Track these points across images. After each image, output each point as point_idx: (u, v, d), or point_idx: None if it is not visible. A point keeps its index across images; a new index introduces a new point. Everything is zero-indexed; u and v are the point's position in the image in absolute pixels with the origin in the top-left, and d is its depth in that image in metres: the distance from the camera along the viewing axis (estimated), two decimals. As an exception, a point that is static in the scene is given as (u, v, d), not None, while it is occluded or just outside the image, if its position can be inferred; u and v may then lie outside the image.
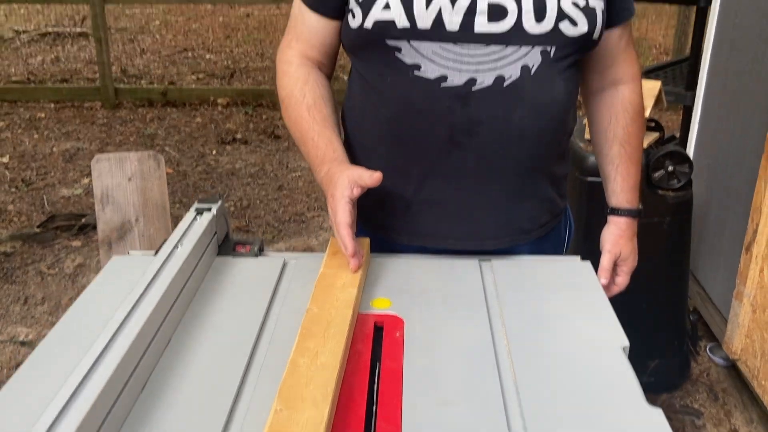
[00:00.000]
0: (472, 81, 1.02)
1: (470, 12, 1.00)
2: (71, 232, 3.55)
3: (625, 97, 1.24)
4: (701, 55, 2.64)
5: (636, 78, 1.25)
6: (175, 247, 1.03)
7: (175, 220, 1.92)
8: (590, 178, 2.10)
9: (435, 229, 1.16)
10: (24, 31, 8.00)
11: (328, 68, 1.19)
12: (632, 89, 1.24)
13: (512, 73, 1.02)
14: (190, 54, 7.54)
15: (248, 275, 1.10)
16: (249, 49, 7.77)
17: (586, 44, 1.07)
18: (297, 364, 0.82)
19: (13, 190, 4.05)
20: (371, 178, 0.99)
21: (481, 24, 1.00)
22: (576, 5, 1.02)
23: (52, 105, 5.54)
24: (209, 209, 1.15)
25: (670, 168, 2.24)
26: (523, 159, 1.10)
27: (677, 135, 3.12)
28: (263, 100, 5.63)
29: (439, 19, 1.00)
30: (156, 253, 1.14)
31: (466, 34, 1.00)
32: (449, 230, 1.15)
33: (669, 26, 7.30)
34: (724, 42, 2.29)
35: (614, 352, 0.89)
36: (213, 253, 1.14)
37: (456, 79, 1.03)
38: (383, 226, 1.20)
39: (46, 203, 3.88)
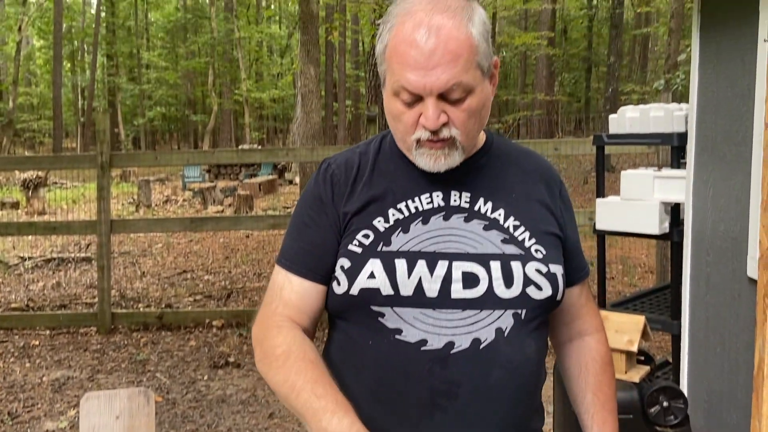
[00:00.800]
0: (450, 344, 1.08)
1: (447, 280, 1.09)
2: (51, 470, 3.39)
3: (592, 348, 1.31)
4: (681, 286, 2.75)
5: (600, 329, 1.34)
6: None
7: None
8: None
9: None
10: (29, 258, 8.27)
11: (311, 335, 1.22)
12: (597, 339, 1.33)
13: (487, 335, 1.09)
14: (189, 275, 7.73)
15: None
16: (247, 269, 7.99)
17: (551, 305, 1.18)
18: None
19: (-3, 424, 3.93)
20: None
21: (457, 291, 1.09)
22: (539, 272, 1.14)
23: (48, 332, 5.57)
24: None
25: (665, 404, 2.22)
26: (503, 418, 1.12)
27: (670, 360, 3.14)
28: (258, 323, 5.68)
29: (419, 287, 1.09)
30: None
31: (443, 300, 1.09)
32: None
33: (651, 246, 7.61)
34: (700, 277, 2.39)
35: None
36: None
37: (435, 343, 1.08)
38: None
39: (28, 438, 3.74)
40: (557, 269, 1.17)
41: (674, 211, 2.83)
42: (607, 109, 18.65)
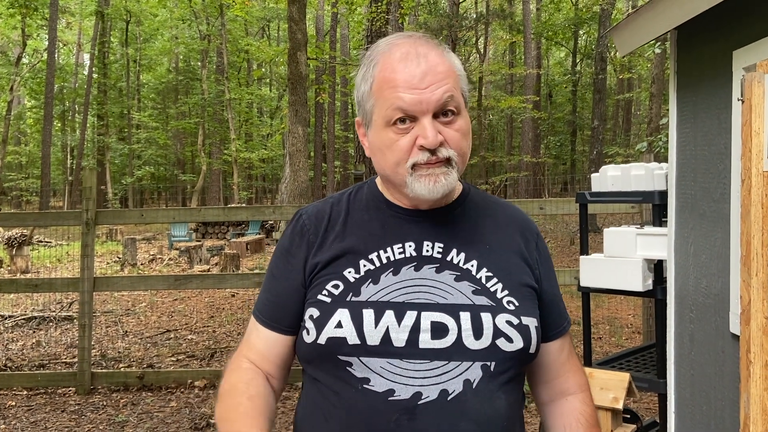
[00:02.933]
0: (418, 394, 1.07)
1: (415, 329, 1.09)
2: None
3: (576, 408, 1.26)
4: (666, 344, 2.73)
5: (584, 388, 1.29)
6: None
7: None
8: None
9: None
10: (9, 316, 8.13)
11: (279, 381, 1.24)
12: (582, 399, 1.27)
13: (455, 387, 1.08)
14: (172, 335, 7.61)
15: None
16: (231, 329, 7.88)
17: (523, 358, 1.15)
18: None
19: (-34, 488, 3.78)
20: None
21: (425, 341, 1.09)
22: (510, 323, 1.12)
23: (25, 392, 5.42)
24: None
25: (652, 464, 2.18)
26: None
27: (657, 420, 3.10)
28: (241, 383, 5.58)
29: (386, 337, 1.09)
30: None
31: (411, 350, 1.09)
32: None
33: (638, 305, 7.61)
34: (684, 334, 2.39)
35: None
36: None
37: (403, 393, 1.07)
38: None
39: (-2, 504, 3.60)
40: (530, 321, 1.15)
41: (657, 268, 2.84)
42: (592, 171, 18.94)
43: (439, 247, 1.17)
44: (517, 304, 1.15)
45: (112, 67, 34.10)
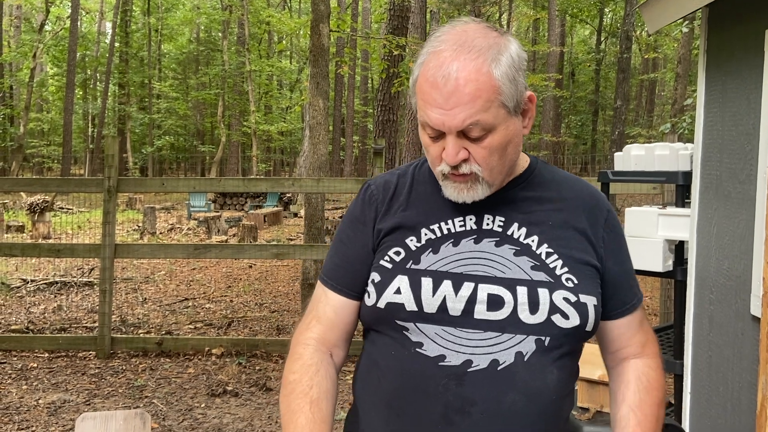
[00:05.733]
0: (468, 362, 1.10)
1: (471, 300, 1.12)
2: (42, 494, 3.33)
3: (639, 368, 1.25)
4: (684, 325, 2.73)
5: (652, 355, 1.27)
6: None
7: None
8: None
9: None
10: (31, 280, 8.27)
11: (342, 351, 1.28)
12: (647, 363, 1.26)
13: (506, 358, 1.10)
14: (190, 303, 7.71)
15: None
16: (249, 299, 7.97)
17: (579, 335, 1.15)
18: None
19: (-10, 445, 3.89)
20: None
21: (480, 312, 1.12)
22: (567, 300, 1.13)
23: (46, 354, 5.54)
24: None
25: (666, 442, 2.19)
26: None
27: (672, 401, 3.10)
28: (257, 351, 5.65)
29: (443, 306, 1.13)
30: None
31: (466, 319, 1.12)
32: None
33: (654, 288, 7.57)
34: (703, 315, 2.38)
35: None
36: None
37: (454, 360, 1.11)
38: None
39: (21, 461, 3.70)
40: (589, 300, 1.16)
41: (678, 249, 2.82)
42: (613, 151, 18.75)
43: (500, 221, 1.19)
44: (576, 281, 1.16)
45: (134, 36, 34.14)
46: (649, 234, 2.79)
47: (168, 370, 5.32)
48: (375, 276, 1.20)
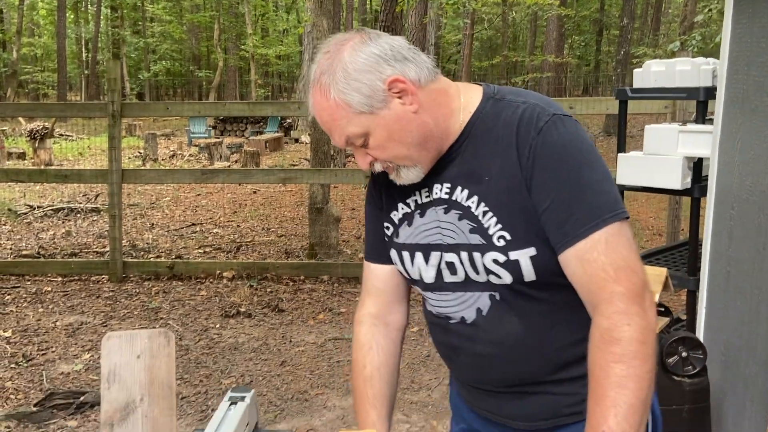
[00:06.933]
0: (447, 317, 1.27)
1: (438, 268, 1.24)
2: (68, 411, 3.44)
3: (595, 323, 1.10)
4: (699, 242, 2.74)
5: (604, 299, 1.08)
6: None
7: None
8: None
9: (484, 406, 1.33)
10: (38, 207, 8.28)
11: (400, 313, 1.39)
12: (601, 311, 1.09)
13: (470, 314, 1.23)
14: (198, 228, 7.76)
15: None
16: (255, 224, 8.02)
17: (528, 285, 1.17)
18: None
19: (13, 365, 3.99)
20: None
21: (447, 276, 1.24)
22: (496, 261, 1.16)
23: (60, 279, 5.61)
24: (243, 399, 1.15)
25: (684, 354, 2.24)
26: (500, 377, 1.25)
27: (683, 317, 3.15)
28: (268, 273, 5.72)
29: (420, 275, 1.27)
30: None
31: (438, 284, 1.26)
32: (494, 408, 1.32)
33: (660, 209, 7.59)
34: (723, 232, 2.39)
35: None
36: (243, 447, 1.12)
37: (439, 314, 1.29)
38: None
39: (45, 380, 3.80)
40: (522, 254, 1.14)
41: (696, 167, 2.81)
42: (618, 72, 18.43)
43: (447, 187, 1.22)
44: (509, 237, 1.14)
45: (124, -45, 32.97)
46: (668, 151, 2.76)
47: (181, 293, 5.40)
48: None
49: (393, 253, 1.30)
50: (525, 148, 1.13)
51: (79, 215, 8.13)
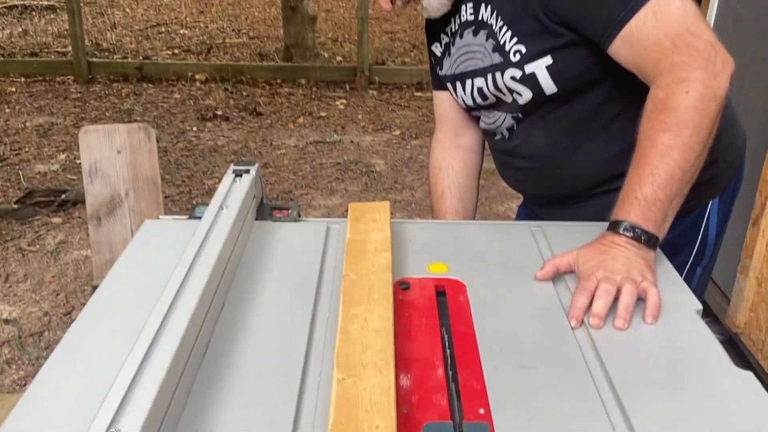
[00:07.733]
0: (493, 134, 1.30)
1: (473, 95, 1.24)
2: (51, 208, 3.42)
3: (649, 96, 0.99)
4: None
5: (662, 72, 0.97)
6: (220, 209, 0.98)
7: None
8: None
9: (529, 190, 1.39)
10: (-11, 3, 7.71)
11: (472, 130, 1.40)
12: (657, 83, 0.97)
13: (504, 132, 1.26)
14: (163, 29, 7.35)
15: (292, 240, 1.05)
16: (224, 25, 7.61)
17: (546, 99, 1.13)
18: (347, 332, 0.79)
19: (-13, 165, 3.90)
20: None
21: (480, 101, 1.25)
22: (514, 78, 1.13)
23: (23, 79, 5.35)
24: (248, 171, 1.10)
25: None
26: (545, 191, 1.30)
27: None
28: (243, 77, 5.52)
29: (464, 102, 1.29)
30: (189, 217, 1.09)
31: (480, 107, 1.27)
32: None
33: None
34: (728, 17, 2.30)
35: (690, 316, 0.87)
36: (253, 217, 1.09)
37: (488, 130, 1.31)
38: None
39: (22, 179, 3.74)
40: (536, 66, 1.09)
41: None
42: None
43: (471, 8, 1.18)
44: (523, 50, 1.10)
45: None
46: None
47: (152, 95, 5.22)
48: None
49: (448, 85, 1.32)
50: None
51: (34, 13, 7.60)
